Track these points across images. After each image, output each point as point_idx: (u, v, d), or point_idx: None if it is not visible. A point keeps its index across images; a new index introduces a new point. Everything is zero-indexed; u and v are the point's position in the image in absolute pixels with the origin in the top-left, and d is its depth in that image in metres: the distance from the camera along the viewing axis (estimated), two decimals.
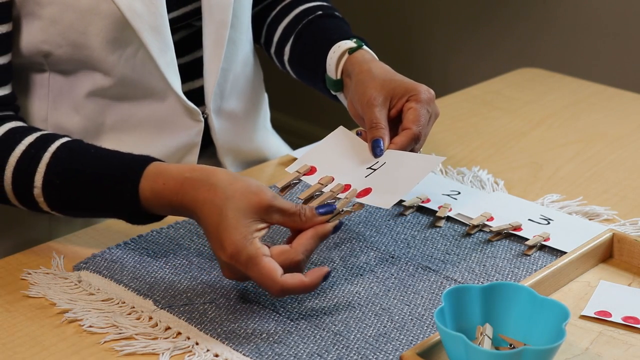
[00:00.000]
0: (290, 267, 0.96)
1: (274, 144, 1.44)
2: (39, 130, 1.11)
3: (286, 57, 1.37)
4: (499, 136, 1.44)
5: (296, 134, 2.07)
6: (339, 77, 1.24)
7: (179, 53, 1.26)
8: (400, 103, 1.14)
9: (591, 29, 2.45)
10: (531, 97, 1.60)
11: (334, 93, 1.27)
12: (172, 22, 1.23)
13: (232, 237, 0.95)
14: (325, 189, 1.08)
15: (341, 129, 1.17)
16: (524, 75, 1.71)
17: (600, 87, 1.64)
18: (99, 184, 1.05)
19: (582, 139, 1.43)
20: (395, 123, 1.15)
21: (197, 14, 1.26)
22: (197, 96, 1.28)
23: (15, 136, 1.10)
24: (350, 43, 1.25)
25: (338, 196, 1.06)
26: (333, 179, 1.09)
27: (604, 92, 1.62)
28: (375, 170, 1.09)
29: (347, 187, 1.07)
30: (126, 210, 1.05)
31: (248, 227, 0.96)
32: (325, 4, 1.38)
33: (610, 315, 0.98)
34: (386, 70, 1.19)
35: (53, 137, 1.09)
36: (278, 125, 1.58)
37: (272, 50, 1.39)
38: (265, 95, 1.45)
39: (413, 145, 1.12)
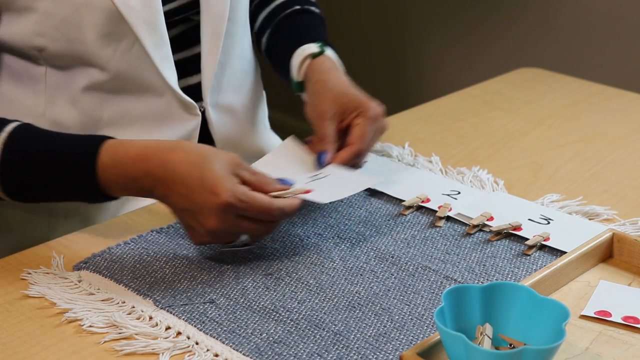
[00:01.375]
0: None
1: (272, 143, 1.44)
2: None
3: (263, 47, 1.40)
4: (499, 136, 1.44)
5: (296, 133, 2.06)
6: (301, 79, 1.29)
7: (177, 48, 1.26)
8: (349, 118, 1.20)
9: (591, 29, 2.45)
10: (531, 97, 1.60)
11: (296, 93, 1.31)
12: (169, 15, 1.23)
13: (223, 181, 1.01)
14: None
15: (291, 139, 1.22)
16: (524, 75, 1.71)
17: (600, 87, 1.64)
18: (56, 157, 1.06)
19: (582, 139, 1.43)
20: (346, 134, 1.20)
21: (195, 6, 1.26)
22: (195, 91, 1.28)
23: None
24: (313, 47, 1.29)
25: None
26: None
27: (604, 92, 1.62)
28: (317, 179, 1.14)
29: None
30: (83, 182, 1.05)
31: (231, 177, 1.02)
32: None
33: (610, 315, 0.98)
34: (341, 83, 1.24)
35: (7, 120, 1.10)
36: (277, 125, 1.58)
37: (254, 38, 1.42)
38: (263, 92, 1.45)
39: (356, 160, 1.18)
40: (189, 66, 1.28)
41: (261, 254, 1.09)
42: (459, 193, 1.23)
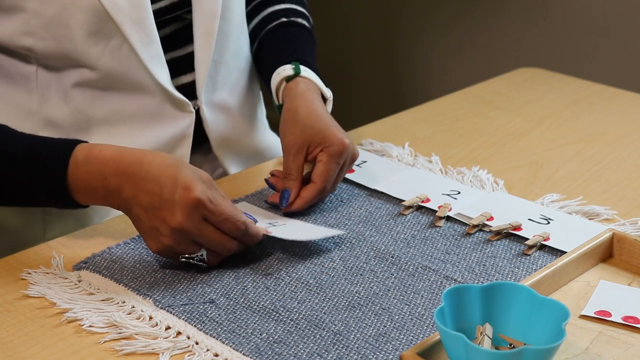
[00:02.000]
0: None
1: (272, 142, 1.44)
2: None
3: (253, 58, 1.40)
4: (499, 136, 1.44)
5: None
6: (280, 102, 1.28)
7: (170, 47, 1.26)
8: (315, 152, 1.19)
9: (592, 28, 2.45)
10: (531, 97, 1.60)
11: (279, 113, 1.29)
12: (160, 13, 1.23)
13: (196, 181, 1.02)
14: None
15: (243, 204, 1.21)
16: (524, 75, 1.71)
17: (600, 87, 1.64)
18: (28, 156, 1.05)
19: (582, 139, 1.43)
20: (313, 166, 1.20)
21: (186, 5, 1.26)
22: (189, 89, 1.28)
23: None
24: (288, 70, 1.28)
25: None
26: None
27: (604, 92, 1.62)
28: (275, 226, 1.14)
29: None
30: (51, 180, 1.04)
31: (204, 184, 1.03)
32: (292, 6, 1.40)
33: (610, 315, 0.98)
34: (310, 112, 1.22)
35: None
36: (277, 124, 1.58)
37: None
38: (260, 91, 1.45)
39: (319, 197, 1.18)
40: (182, 64, 1.28)
41: (261, 254, 1.09)
42: (459, 193, 1.23)
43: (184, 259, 1.04)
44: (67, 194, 1.05)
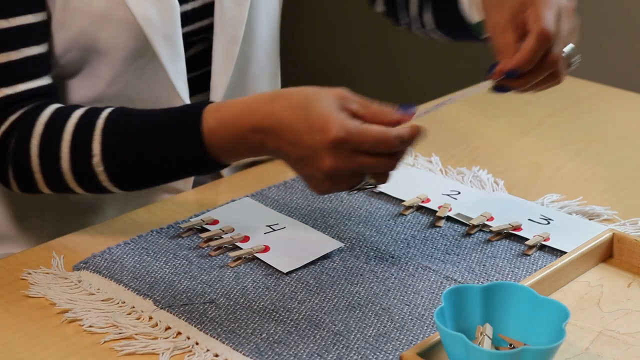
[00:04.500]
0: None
1: None
2: (84, 105, 1.10)
3: (430, 26, 1.31)
4: (499, 136, 1.44)
5: None
6: (477, 19, 1.17)
7: (192, 67, 1.25)
8: (523, 17, 1.03)
9: (591, 29, 2.45)
10: (531, 97, 1.60)
11: (482, 38, 1.17)
12: (188, 36, 1.22)
13: (331, 117, 0.94)
14: (225, 236, 1.11)
15: (246, 200, 1.20)
16: None
17: (600, 87, 1.64)
18: (159, 133, 1.03)
19: (582, 139, 1.43)
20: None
21: (213, 28, 1.24)
22: None
23: (63, 112, 1.08)
24: None
25: (238, 244, 1.10)
26: (233, 230, 1.13)
27: (604, 92, 1.62)
28: (274, 230, 1.12)
29: (246, 238, 1.11)
30: (191, 151, 1.01)
31: (340, 112, 0.96)
32: None
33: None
34: None
35: (102, 107, 1.08)
36: None
37: (415, 27, 1.34)
38: None
39: (544, 47, 1.01)
40: (200, 83, 1.28)
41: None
42: (459, 193, 1.23)
43: (354, 192, 1.02)
44: (212, 160, 1.02)
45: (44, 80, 1.13)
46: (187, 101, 1.22)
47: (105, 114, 1.06)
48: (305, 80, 1.62)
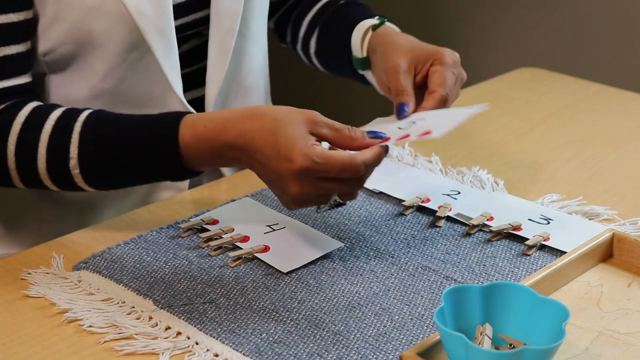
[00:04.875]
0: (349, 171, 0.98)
1: None
2: (62, 106, 1.11)
3: (312, 50, 1.37)
4: (499, 136, 1.44)
5: None
6: (364, 54, 1.25)
7: (187, 63, 1.26)
8: (425, 68, 1.15)
9: (591, 29, 2.45)
10: (531, 97, 1.60)
11: (361, 72, 1.27)
12: (182, 29, 1.22)
13: (297, 146, 0.96)
14: (225, 236, 1.12)
15: (248, 199, 1.20)
16: (524, 75, 1.71)
17: (600, 87, 1.64)
18: (136, 142, 1.05)
19: (582, 139, 1.43)
20: (422, 89, 1.15)
21: (207, 21, 1.25)
22: (197, 103, 1.28)
23: (41, 113, 1.09)
24: (373, 21, 1.26)
25: (238, 244, 1.10)
26: (233, 229, 1.13)
27: (604, 92, 1.62)
28: (274, 230, 1.13)
29: (246, 238, 1.11)
30: (167, 163, 1.04)
31: (306, 138, 0.98)
32: None
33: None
34: (410, 40, 1.20)
35: (79, 110, 1.09)
36: None
37: (299, 46, 1.40)
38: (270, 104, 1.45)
39: (442, 107, 1.12)
40: (193, 79, 1.28)
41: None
42: (459, 193, 1.23)
43: (323, 211, 1.05)
44: (187, 170, 1.06)
45: (24, 79, 1.14)
46: (181, 96, 1.22)
47: (83, 116, 1.08)
48: (293, 76, 1.62)
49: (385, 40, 1.20)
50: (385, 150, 1.01)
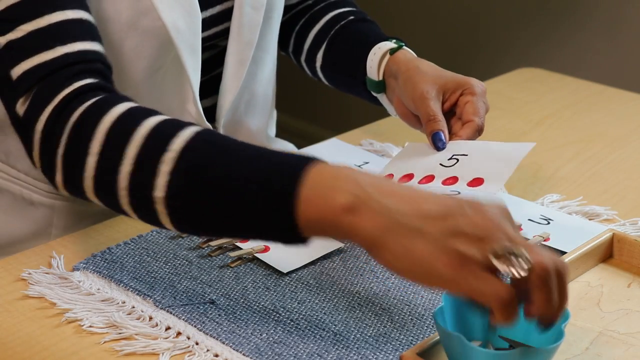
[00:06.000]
0: None
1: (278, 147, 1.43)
2: (159, 113, 0.93)
3: (318, 64, 1.35)
4: (499, 136, 1.44)
5: (306, 138, 2.07)
6: (381, 78, 1.23)
7: (202, 73, 1.25)
8: (454, 97, 1.16)
9: (591, 29, 2.45)
10: (531, 97, 1.60)
11: (375, 94, 1.26)
12: (203, 41, 1.22)
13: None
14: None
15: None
16: (524, 75, 1.71)
17: (600, 87, 1.64)
18: (248, 189, 0.83)
19: (582, 139, 1.43)
20: (448, 117, 1.16)
21: (226, 33, 1.24)
22: (210, 112, 1.27)
23: (135, 119, 0.91)
24: (390, 44, 1.24)
25: (238, 244, 1.09)
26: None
27: (604, 92, 1.62)
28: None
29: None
30: (280, 227, 0.82)
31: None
32: (355, 9, 1.37)
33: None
34: (434, 67, 1.19)
35: (180, 124, 0.89)
36: (286, 129, 1.58)
37: (302, 57, 1.38)
38: (275, 111, 1.45)
39: (476, 137, 1.13)
40: (207, 88, 1.27)
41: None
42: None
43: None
44: (302, 237, 0.83)
45: (102, 48, 1.01)
46: (199, 107, 1.20)
47: (182, 139, 0.87)
48: (296, 77, 1.62)
49: (408, 66, 1.19)
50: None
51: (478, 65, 2.66)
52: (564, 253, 1.08)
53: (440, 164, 1.10)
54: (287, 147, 1.45)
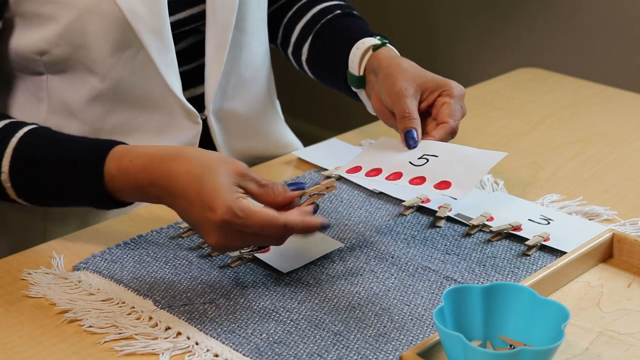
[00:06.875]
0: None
1: (286, 143, 1.42)
2: (8, 117, 1.12)
3: (304, 57, 1.36)
4: (499, 136, 1.44)
5: (309, 139, 2.07)
6: (361, 73, 1.24)
7: (185, 61, 1.25)
8: (431, 97, 1.16)
9: (591, 29, 2.45)
10: (531, 97, 1.60)
11: (354, 90, 1.27)
12: (178, 25, 1.22)
13: (221, 196, 0.95)
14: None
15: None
16: (524, 75, 1.71)
17: (600, 87, 1.64)
18: (64, 166, 1.05)
19: (582, 139, 1.43)
20: (424, 117, 1.16)
21: (203, 17, 1.25)
22: (198, 100, 1.28)
23: None
24: (374, 40, 1.25)
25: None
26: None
27: (604, 92, 1.62)
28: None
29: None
30: (91, 191, 1.04)
31: (232, 189, 0.96)
32: (342, 3, 1.38)
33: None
34: (415, 66, 1.20)
35: (21, 124, 1.10)
36: (299, 130, 1.58)
37: (289, 50, 1.39)
38: (277, 101, 1.44)
39: (449, 139, 1.13)
40: (193, 77, 1.28)
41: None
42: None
43: (245, 255, 1.07)
44: (110, 200, 1.05)
45: None
46: (180, 95, 1.23)
47: (21, 132, 1.08)
48: (295, 80, 1.62)
49: (390, 63, 1.19)
50: (315, 223, 0.98)
51: (478, 65, 2.66)
52: (564, 253, 1.08)
53: (410, 162, 1.10)
54: (293, 143, 1.44)
